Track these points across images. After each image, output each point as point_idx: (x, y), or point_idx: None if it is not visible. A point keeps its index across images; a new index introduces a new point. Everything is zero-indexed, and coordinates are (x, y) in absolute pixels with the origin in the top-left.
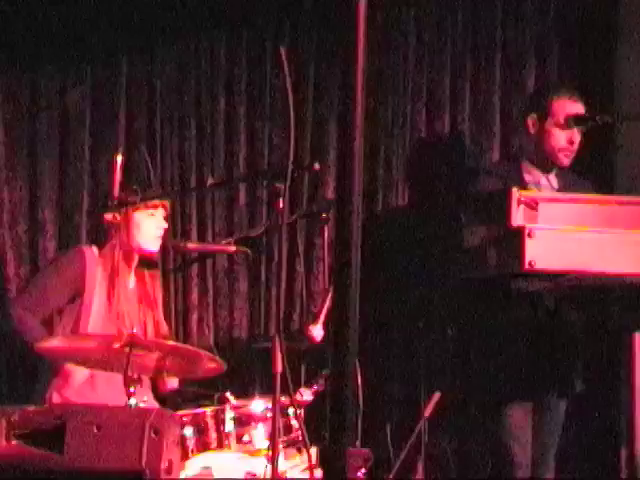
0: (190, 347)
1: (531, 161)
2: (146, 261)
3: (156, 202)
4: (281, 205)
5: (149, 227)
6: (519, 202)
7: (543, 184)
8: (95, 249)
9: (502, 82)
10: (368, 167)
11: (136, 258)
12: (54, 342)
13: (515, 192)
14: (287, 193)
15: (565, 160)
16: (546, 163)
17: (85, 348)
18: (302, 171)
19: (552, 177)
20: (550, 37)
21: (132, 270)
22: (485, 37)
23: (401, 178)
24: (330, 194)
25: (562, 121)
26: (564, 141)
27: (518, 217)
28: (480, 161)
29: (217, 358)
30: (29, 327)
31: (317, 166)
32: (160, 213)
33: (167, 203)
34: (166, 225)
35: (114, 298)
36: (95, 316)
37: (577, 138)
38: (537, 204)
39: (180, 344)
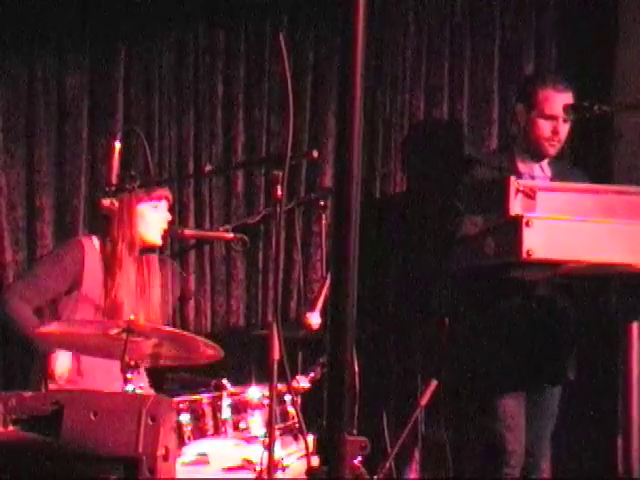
0: (187, 333)
1: (523, 150)
2: (146, 250)
3: (160, 194)
4: (279, 192)
5: (153, 219)
6: (517, 191)
7: (537, 173)
8: (95, 240)
9: (501, 70)
10: (366, 155)
11: (138, 249)
12: (52, 328)
13: (513, 181)
14: (285, 180)
15: (551, 150)
16: (536, 152)
17: (82, 334)
18: (300, 159)
19: (545, 166)
20: (549, 25)
21: (133, 261)
22: (484, 25)
23: (399, 166)
24: (328, 182)
25: (546, 111)
26: (548, 131)
27: (516, 206)
28: (478, 149)
29: (214, 345)
30: (21, 315)
31: (315, 154)
32: (164, 205)
33: (170, 195)
34: (170, 217)
35: (113, 291)
36: (93, 308)
37: (563, 128)
38: (535, 193)
39: (177, 330)
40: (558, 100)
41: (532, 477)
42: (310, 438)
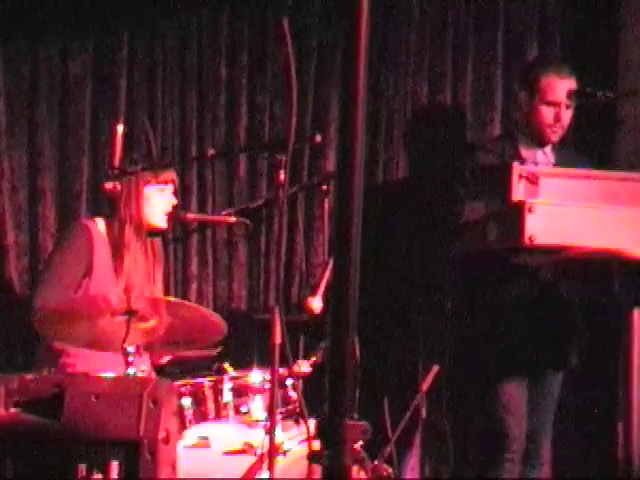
0: (189, 303)
1: (525, 137)
2: (152, 233)
3: (166, 177)
4: (282, 177)
5: (159, 203)
6: (520, 177)
7: (540, 159)
8: (100, 222)
9: (504, 56)
10: (369, 140)
11: (144, 231)
12: (50, 306)
13: (516, 167)
14: (288, 165)
15: (553, 136)
16: (538, 138)
17: (82, 314)
18: (303, 143)
19: (549, 152)
20: (553, 11)
21: (140, 245)
22: (488, 11)
23: (402, 151)
24: (331, 166)
25: (549, 98)
26: (551, 118)
27: (519, 192)
28: (481, 135)
29: (217, 316)
30: None
31: (318, 138)
32: (170, 189)
33: (176, 178)
34: (175, 201)
35: (123, 272)
36: (104, 290)
37: (565, 115)
38: (538, 179)
39: (178, 300)
40: (560, 87)
41: (532, 462)
42: (311, 422)
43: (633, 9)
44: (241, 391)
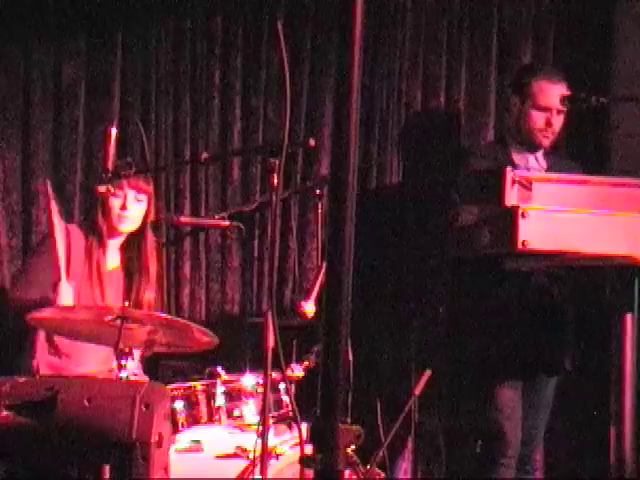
0: (181, 320)
1: (517, 142)
2: (137, 238)
3: (122, 182)
4: (275, 181)
5: (111, 206)
6: (513, 182)
7: (532, 164)
8: (75, 228)
9: (498, 61)
10: (362, 144)
11: (120, 237)
12: (46, 313)
13: (509, 172)
14: (281, 168)
15: (544, 141)
16: (530, 143)
17: (77, 320)
18: (297, 147)
19: (540, 157)
20: (547, 16)
21: (115, 249)
22: (482, 15)
23: (395, 155)
24: (324, 170)
25: (540, 103)
26: (542, 123)
27: (512, 197)
28: (475, 140)
29: (208, 331)
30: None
31: (312, 142)
32: (131, 194)
33: (145, 186)
34: (140, 207)
35: (94, 278)
36: (79, 295)
37: (557, 120)
38: (531, 184)
39: (171, 316)
40: (552, 92)
41: (526, 467)
42: (304, 426)
43: (627, 13)
44: (234, 395)
